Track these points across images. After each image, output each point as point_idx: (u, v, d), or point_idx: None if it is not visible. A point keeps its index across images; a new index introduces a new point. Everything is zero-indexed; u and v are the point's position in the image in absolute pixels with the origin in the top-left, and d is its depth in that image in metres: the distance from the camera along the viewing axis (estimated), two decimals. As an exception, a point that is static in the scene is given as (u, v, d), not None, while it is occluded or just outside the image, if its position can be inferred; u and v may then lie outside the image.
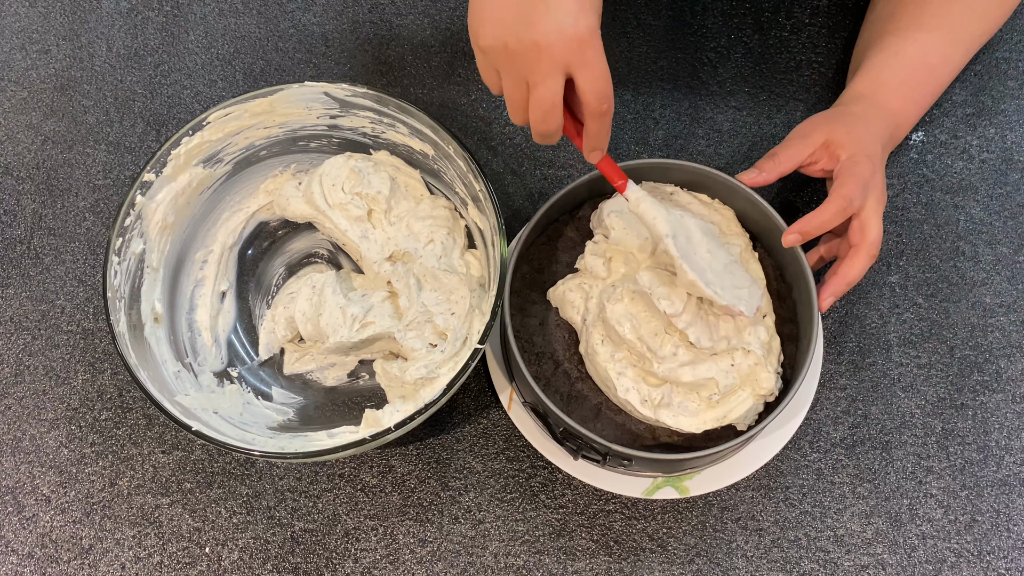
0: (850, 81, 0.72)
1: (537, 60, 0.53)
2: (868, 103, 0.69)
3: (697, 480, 0.67)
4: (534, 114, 0.55)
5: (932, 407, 0.71)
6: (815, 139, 0.66)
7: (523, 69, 0.54)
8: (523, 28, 0.52)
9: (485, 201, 0.64)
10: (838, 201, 0.63)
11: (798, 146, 0.67)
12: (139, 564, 0.68)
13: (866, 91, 0.70)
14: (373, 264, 0.70)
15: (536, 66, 0.53)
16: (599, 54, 0.53)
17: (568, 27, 0.52)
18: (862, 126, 0.67)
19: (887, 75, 0.70)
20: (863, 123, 0.67)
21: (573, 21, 0.52)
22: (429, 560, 0.68)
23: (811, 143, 0.66)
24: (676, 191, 0.69)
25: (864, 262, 0.64)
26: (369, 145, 0.72)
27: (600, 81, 0.54)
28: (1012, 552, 0.67)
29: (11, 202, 0.79)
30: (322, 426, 0.68)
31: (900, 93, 0.70)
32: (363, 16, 0.84)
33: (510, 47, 0.53)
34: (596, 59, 0.53)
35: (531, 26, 0.52)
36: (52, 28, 0.85)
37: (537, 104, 0.55)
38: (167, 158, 0.66)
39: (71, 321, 0.75)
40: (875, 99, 0.70)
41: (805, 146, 0.66)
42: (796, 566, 0.67)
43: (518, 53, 0.53)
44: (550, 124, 0.56)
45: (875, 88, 0.70)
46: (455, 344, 0.66)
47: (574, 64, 0.53)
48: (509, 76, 0.55)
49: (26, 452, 0.71)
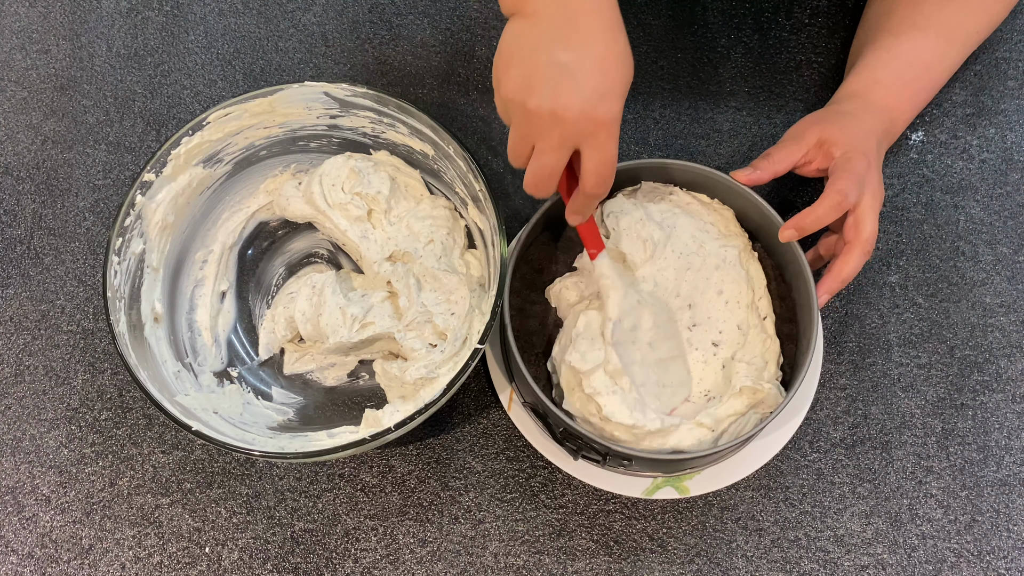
0: (845, 79, 0.72)
1: (550, 129, 0.52)
2: (861, 101, 0.69)
3: (697, 480, 0.67)
4: (531, 175, 0.55)
5: (932, 407, 0.71)
6: (809, 139, 0.67)
7: (534, 132, 0.53)
8: (546, 94, 0.51)
9: (485, 201, 0.64)
10: (833, 196, 0.62)
11: (792, 146, 0.67)
12: (139, 564, 0.68)
13: (860, 89, 0.70)
14: (373, 264, 0.70)
15: (547, 135, 0.53)
16: (613, 140, 0.53)
17: (590, 108, 0.51)
18: (855, 124, 0.67)
19: (881, 73, 0.70)
20: (856, 121, 0.67)
21: (596, 103, 0.51)
22: (429, 560, 0.68)
23: (805, 143, 0.67)
24: (675, 191, 0.69)
25: (858, 259, 0.64)
26: (369, 145, 0.72)
27: (605, 166, 0.54)
28: (1012, 552, 0.67)
29: (11, 202, 0.79)
30: (322, 426, 0.67)
31: (894, 91, 0.70)
32: (363, 16, 0.84)
33: (528, 107, 0.52)
34: (608, 144, 0.53)
35: (555, 95, 0.51)
36: (52, 28, 0.85)
37: (537, 170, 0.55)
38: (167, 158, 0.66)
39: (71, 321, 0.75)
40: (869, 97, 0.70)
41: (799, 146, 0.67)
42: (796, 566, 0.67)
43: (535, 115, 0.52)
44: (542, 189, 0.56)
45: (869, 86, 0.70)
46: (455, 344, 0.66)
47: (585, 143, 0.53)
48: (520, 131, 0.54)
49: (26, 452, 0.71)
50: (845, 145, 0.65)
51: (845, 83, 0.72)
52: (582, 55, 0.51)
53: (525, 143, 0.54)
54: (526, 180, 0.56)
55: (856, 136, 0.66)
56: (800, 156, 0.67)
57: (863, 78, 0.71)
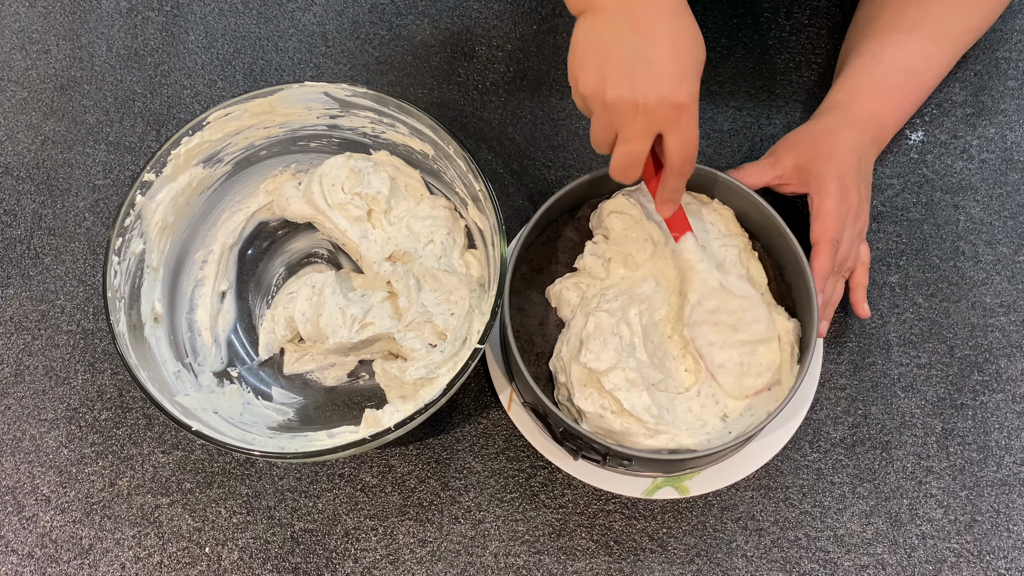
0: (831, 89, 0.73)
1: (632, 118, 0.53)
2: (843, 113, 0.70)
3: (697, 480, 0.67)
4: (617, 163, 0.56)
5: (932, 407, 0.71)
6: (785, 163, 0.68)
7: (616, 122, 0.54)
8: (624, 85, 0.52)
9: (485, 201, 0.64)
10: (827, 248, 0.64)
11: (767, 166, 0.69)
12: (139, 564, 0.68)
13: (843, 99, 0.71)
14: (373, 264, 0.70)
15: (630, 123, 0.54)
16: (693, 120, 0.54)
17: (669, 92, 0.52)
18: (830, 143, 0.67)
19: (864, 81, 0.70)
20: (836, 140, 0.68)
21: (674, 87, 0.52)
22: (429, 560, 0.68)
23: (781, 166, 0.68)
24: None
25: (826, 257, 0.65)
26: (369, 145, 0.72)
27: (689, 146, 0.55)
28: (1012, 552, 0.67)
29: (11, 202, 0.79)
30: (322, 426, 0.67)
31: (878, 97, 0.70)
32: (363, 16, 0.84)
33: (608, 100, 0.53)
34: (690, 125, 0.54)
35: (633, 84, 0.52)
36: (52, 28, 0.85)
37: (623, 158, 0.56)
38: (167, 158, 0.66)
39: (71, 321, 0.75)
40: (851, 107, 0.70)
41: (774, 169, 0.68)
42: (796, 566, 0.67)
43: (616, 107, 0.53)
44: (629, 176, 0.57)
45: (852, 95, 0.70)
46: (455, 344, 0.66)
47: (668, 127, 0.54)
48: (601, 121, 0.56)
49: (26, 452, 0.71)
50: (820, 173, 0.66)
51: (829, 94, 0.72)
52: (654, 41, 0.52)
53: (607, 132, 0.56)
54: (612, 167, 0.57)
55: (830, 159, 0.66)
56: (773, 177, 0.68)
57: (846, 87, 0.71)
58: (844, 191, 0.65)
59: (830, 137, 0.68)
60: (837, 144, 0.67)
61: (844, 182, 0.65)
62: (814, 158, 0.67)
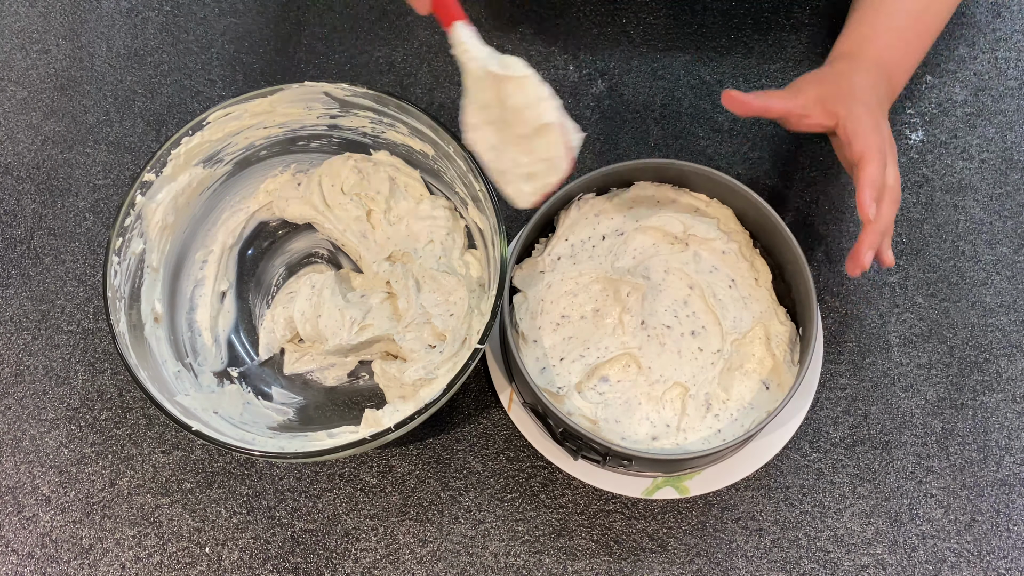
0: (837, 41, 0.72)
1: None
2: (853, 60, 0.69)
3: (697, 480, 0.67)
4: None
5: (932, 407, 0.71)
6: (808, 93, 0.66)
7: None
8: None
9: (485, 201, 0.64)
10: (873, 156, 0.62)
11: (788, 96, 0.66)
12: (139, 564, 0.68)
13: (850, 49, 0.70)
14: (372, 264, 0.70)
15: None
16: None
17: None
18: (850, 81, 0.66)
19: (866, 29, 0.70)
20: (851, 78, 0.67)
21: None
22: (429, 560, 0.68)
23: (804, 96, 0.66)
24: (676, 190, 0.69)
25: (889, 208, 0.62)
26: (369, 145, 0.72)
27: None
28: (1012, 552, 0.67)
29: (11, 202, 0.79)
30: (322, 426, 0.67)
31: (884, 42, 0.69)
32: (363, 16, 0.84)
33: None
34: None
35: None
36: (52, 28, 0.85)
37: None
38: (167, 158, 0.66)
39: (71, 321, 0.75)
40: (860, 55, 0.69)
41: (797, 98, 0.66)
42: (796, 566, 0.67)
43: None
44: None
45: (859, 44, 0.70)
46: (454, 345, 0.66)
47: None
48: None
49: (26, 452, 0.71)
50: (847, 102, 0.64)
51: (836, 44, 0.71)
52: None
53: None
54: None
55: (853, 92, 0.65)
56: (795, 105, 0.65)
57: (852, 37, 0.70)
58: (875, 120, 0.64)
59: (846, 76, 0.67)
60: (858, 83, 0.66)
61: (874, 114, 0.64)
62: (837, 93, 0.65)
